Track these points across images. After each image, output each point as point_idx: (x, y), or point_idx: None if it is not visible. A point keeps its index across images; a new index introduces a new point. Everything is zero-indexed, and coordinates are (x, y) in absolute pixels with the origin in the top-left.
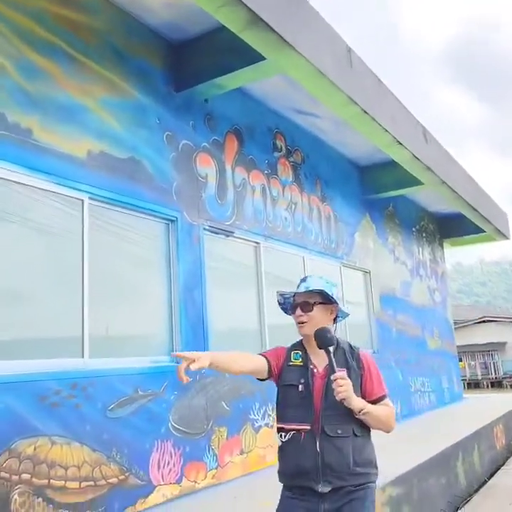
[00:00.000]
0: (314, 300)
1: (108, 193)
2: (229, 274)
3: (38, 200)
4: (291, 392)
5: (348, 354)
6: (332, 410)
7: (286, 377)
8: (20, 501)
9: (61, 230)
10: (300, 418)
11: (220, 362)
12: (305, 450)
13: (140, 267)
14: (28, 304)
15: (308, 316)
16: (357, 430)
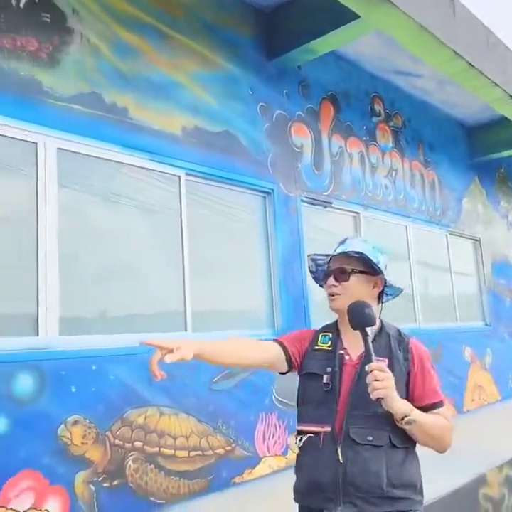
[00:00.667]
0: (352, 267)
1: (204, 168)
2: (328, 246)
3: (138, 178)
4: (313, 384)
5: (394, 342)
6: (362, 409)
7: (308, 364)
8: (134, 467)
9: (161, 207)
10: (320, 418)
11: (211, 353)
12: (322, 459)
13: (237, 241)
14: (136, 280)
15: (342, 286)
16: (395, 439)
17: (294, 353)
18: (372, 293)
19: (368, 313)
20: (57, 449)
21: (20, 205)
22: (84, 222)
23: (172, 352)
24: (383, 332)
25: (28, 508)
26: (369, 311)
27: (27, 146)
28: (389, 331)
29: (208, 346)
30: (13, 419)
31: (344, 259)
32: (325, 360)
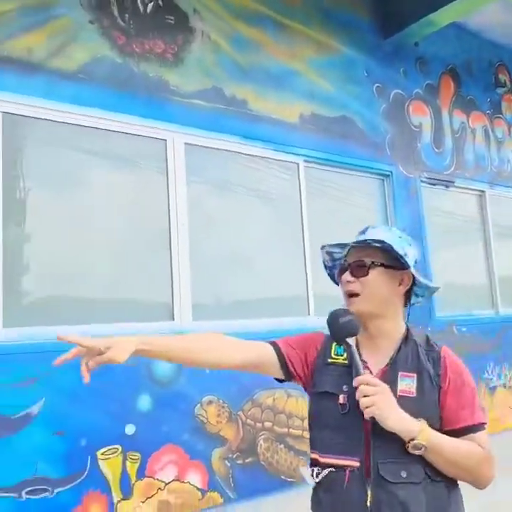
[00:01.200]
0: (373, 259)
1: (321, 154)
2: (451, 227)
3: (257, 168)
4: (327, 405)
5: (422, 352)
6: (388, 437)
7: (320, 381)
8: (265, 446)
9: (280, 195)
10: (342, 447)
11: (161, 347)
12: (348, 501)
13: (356, 226)
14: (258, 268)
15: (360, 282)
16: (432, 471)
17: (292, 360)
18: (397, 291)
19: (345, 322)
20: (195, 426)
21: (152, 200)
22: (209, 213)
23: (100, 354)
24: (409, 340)
25: (171, 479)
26: (346, 320)
27: (157, 143)
28: (416, 338)
29: (157, 341)
30: (155, 399)
31: (363, 250)
32: (340, 376)
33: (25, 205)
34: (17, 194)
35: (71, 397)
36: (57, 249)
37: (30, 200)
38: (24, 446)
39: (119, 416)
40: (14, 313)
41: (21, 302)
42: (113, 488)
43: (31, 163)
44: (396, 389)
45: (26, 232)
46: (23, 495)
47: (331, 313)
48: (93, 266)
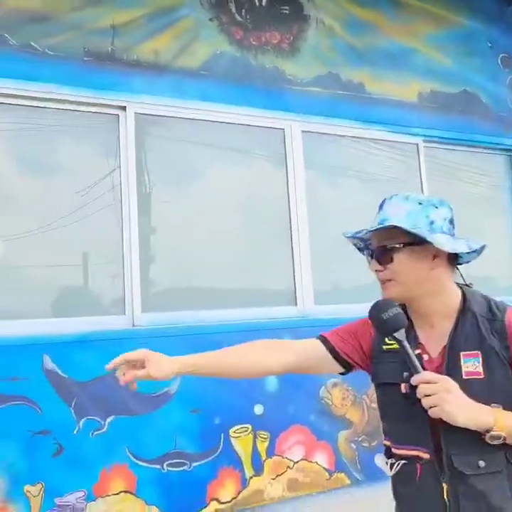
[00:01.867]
0: (394, 242)
1: (442, 133)
2: None
3: (374, 152)
4: (391, 395)
5: (483, 324)
6: (461, 429)
7: (379, 371)
8: None
9: (398, 178)
10: (411, 438)
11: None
12: (423, 495)
13: (479, 208)
14: None
15: (389, 270)
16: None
17: (345, 350)
18: (435, 265)
19: (389, 318)
20: (321, 408)
21: (272, 190)
22: (327, 200)
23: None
24: (467, 312)
25: (299, 459)
26: (389, 315)
27: (275, 133)
28: (474, 307)
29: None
30: (282, 380)
31: (382, 233)
32: (398, 363)
33: (153, 199)
34: (147, 189)
35: (205, 377)
36: (183, 240)
37: (158, 194)
38: (164, 423)
39: (249, 396)
40: (149, 300)
41: (155, 290)
42: (245, 464)
43: (161, 159)
44: (460, 372)
45: (153, 225)
46: (165, 467)
47: (372, 308)
48: (218, 255)
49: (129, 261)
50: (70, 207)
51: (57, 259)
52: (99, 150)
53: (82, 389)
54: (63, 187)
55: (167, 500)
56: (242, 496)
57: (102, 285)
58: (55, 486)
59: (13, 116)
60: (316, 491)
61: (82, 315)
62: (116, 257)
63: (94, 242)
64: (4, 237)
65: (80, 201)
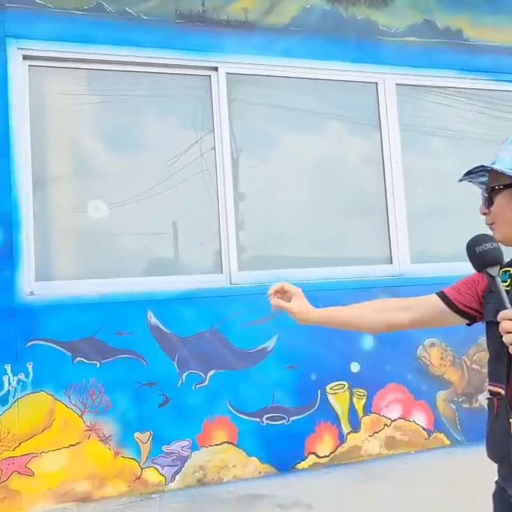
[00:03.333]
0: (494, 184)
1: None
2: None
3: (473, 104)
4: (491, 333)
5: None
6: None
7: (485, 310)
8: None
9: (498, 134)
10: (495, 374)
11: (335, 319)
12: (496, 430)
13: None
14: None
15: (492, 212)
16: None
17: (463, 302)
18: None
19: (482, 252)
20: (418, 367)
21: (365, 148)
22: (423, 160)
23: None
24: None
25: (397, 417)
26: (483, 248)
27: (366, 87)
28: None
29: (331, 313)
30: (377, 338)
31: (490, 175)
32: (498, 302)
33: (241, 165)
34: (236, 154)
35: (301, 334)
36: (270, 205)
37: (246, 159)
38: (262, 378)
39: (345, 354)
40: (244, 259)
41: (250, 250)
42: (342, 420)
43: (250, 122)
44: None
45: (241, 191)
46: (264, 420)
47: (468, 242)
48: (309, 218)
49: (225, 223)
50: (161, 175)
51: (156, 225)
52: (188, 116)
53: (184, 344)
54: (154, 157)
55: (267, 452)
56: (340, 451)
57: (201, 247)
58: (162, 434)
59: (106, 83)
60: (414, 449)
61: (183, 273)
62: (212, 221)
63: (187, 208)
64: (106, 207)
65: (170, 169)
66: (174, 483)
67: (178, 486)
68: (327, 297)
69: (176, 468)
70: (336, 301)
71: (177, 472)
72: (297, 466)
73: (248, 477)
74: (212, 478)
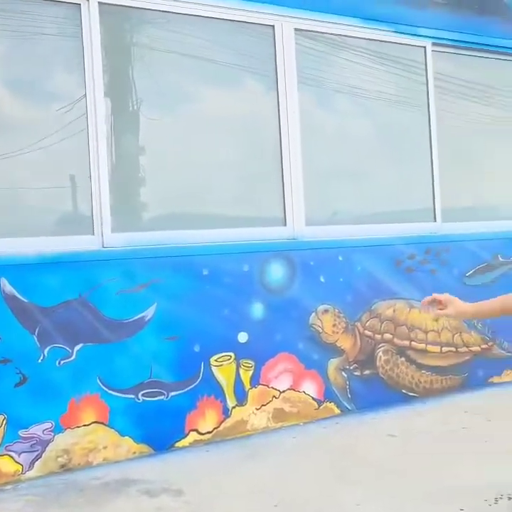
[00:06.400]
0: None
1: (454, 35)
2: None
3: (375, 58)
4: None
5: None
6: None
7: None
8: (385, 359)
9: (401, 90)
10: None
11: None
12: None
13: (494, 119)
14: (378, 175)
15: None
16: None
17: None
18: None
19: None
20: (310, 335)
21: (262, 104)
22: (322, 121)
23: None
24: None
25: (286, 388)
26: None
27: (263, 30)
28: None
29: (484, 305)
30: (268, 306)
31: None
32: None
33: (141, 116)
34: (133, 105)
35: (183, 302)
36: (169, 161)
37: (145, 111)
38: (138, 351)
39: (232, 323)
40: (122, 219)
41: (129, 209)
42: (227, 394)
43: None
44: None
45: (141, 146)
46: (140, 397)
47: None
48: (204, 177)
49: (97, 179)
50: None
51: (16, 180)
52: (56, 53)
53: (46, 315)
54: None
55: (142, 431)
56: (224, 426)
57: (66, 205)
58: (18, 417)
59: None
60: (303, 421)
61: (44, 235)
62: (84, 177)
63: (55, 162)
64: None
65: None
66: (33, 471)
67: (37, 475)
68: (213, 262)
69: (36, 454)
70: (224, 266)
71: (36, 458)
72: (176, 444)
73: (121, 459)
74: (79, 462)
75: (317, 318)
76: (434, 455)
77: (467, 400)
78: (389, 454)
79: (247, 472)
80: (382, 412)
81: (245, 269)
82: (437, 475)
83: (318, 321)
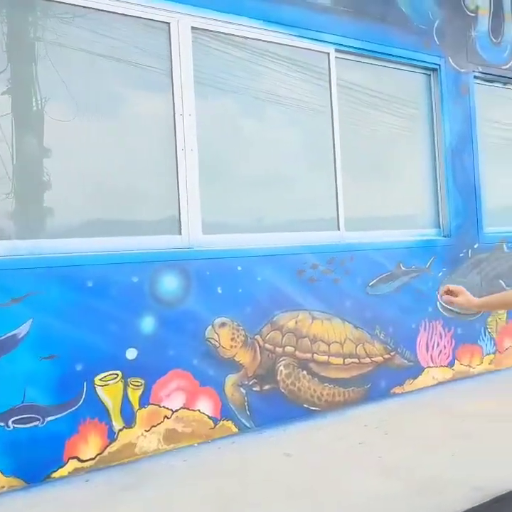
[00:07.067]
0: None
1: (356, 42)
2: (507, 132)
3: (277, 61)
4: None
5: None
6: None
7: None
8: (286, 373)
9: (303, 93)
10: None
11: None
12: None
13: (396, 130)
14: (283, 183)
15: None
16: None
17: None
18: None
19: None
20: (206, 350)
21: (155, 99)
22: (219, 118)
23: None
24: None
25: (179, 407)
26: None
27: (159, 27)
28: None
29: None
30: (160, 319)
31: None
32: None
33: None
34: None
35: (64, 317)
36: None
37: None
38: (10, 371)
39: (119, 339)
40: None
41: (6, 213)
42: (113, 416)
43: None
44: None
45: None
46: (10, 424)
47: None
48: (90, 179)
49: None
50: None
51: None
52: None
53: None
54: None
55: (12, 463)
56: (109, 452)
57: None
58: None
59: None
60: (198, 441)
61: None
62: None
63: None
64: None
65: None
66: None
67: None
68: (99, 273)
69: None
70: (111, 278)
71: None
72: (53, 475)
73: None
74: None
75: (214, 332)
76: (327, 472)
77: (368, 412)
78: (281, 474)
79: (127, 505)
80: (281, 429)
81: (134, 280)
82: (325, 492)
83: (215, 334)
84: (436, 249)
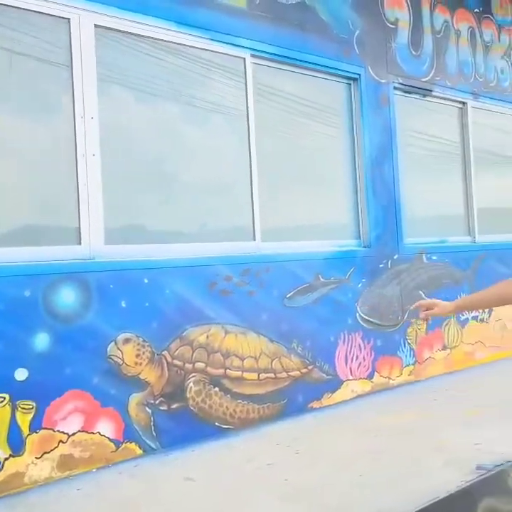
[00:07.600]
0: None
1: (273, 48)
2: (427, 142)
3: (191, 63)
4: None
5: None
6: None
7: None
8: (196, 390)
9: (221, 99)
10: None
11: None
12: None
13: (316, 139)
14: (191, 189)
15: None
16: None
17: None
18: None
19: None
20: (108, 368)
21: (50, 98)
22: (127, 122)
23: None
24: None
25: (76, 430)
26: None
27: (58, 23)
28: None
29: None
30: (55, 336)
31: None
32: None
33: None
34: None
35: None
36: None
37: None
38: None
39: (6, 358)
40: None
41: None
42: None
43: None
44: None
45: None
46: None
47: None
48: None
49: None
50: None
51: None
52: None
53: None
54: None
55: None
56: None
57: None
58: None
59: None
60: (96, 466)
61: None
62: None
63: None
64: None
65: None
66: None
67: None
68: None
69: None
70: (12, 292)
71: None
72: None
73: None
74: None
75: (117, 349)
76: (232, 497)
77: (283, 428)
78: (182, 500)
79: None
80: (188, 450)
81: (26, 294)
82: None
83: (118, 351)
84: (356, 260)
